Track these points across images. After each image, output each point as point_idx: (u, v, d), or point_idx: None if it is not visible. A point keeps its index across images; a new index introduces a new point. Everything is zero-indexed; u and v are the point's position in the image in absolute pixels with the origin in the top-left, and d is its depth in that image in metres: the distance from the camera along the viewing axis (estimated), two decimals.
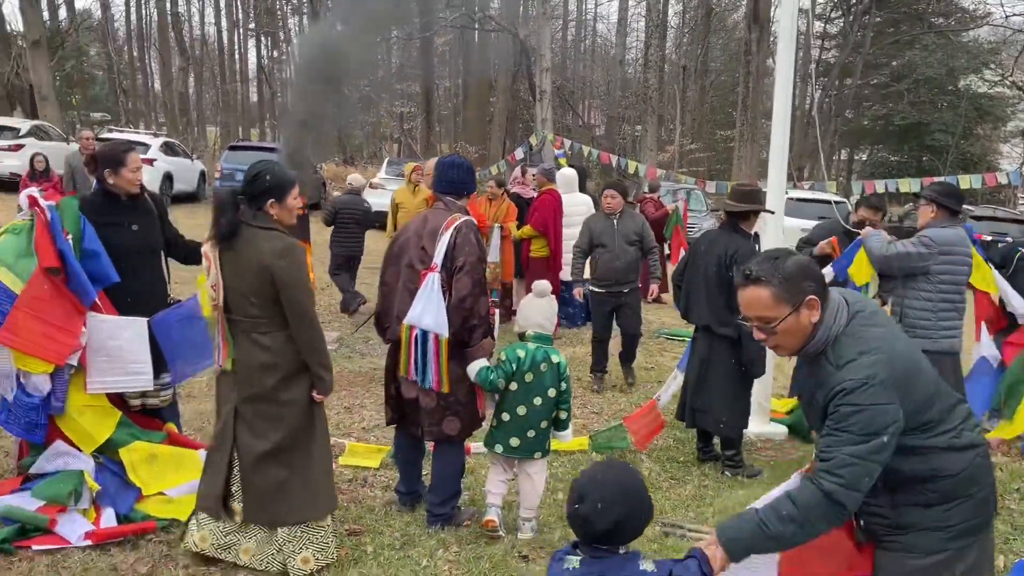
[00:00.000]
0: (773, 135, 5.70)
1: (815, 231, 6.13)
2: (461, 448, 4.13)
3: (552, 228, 8.41)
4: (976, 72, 30.77)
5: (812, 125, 33.23)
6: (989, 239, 8.74)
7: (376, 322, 4.19)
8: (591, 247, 6.86)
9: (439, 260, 3.82)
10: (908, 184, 13.38)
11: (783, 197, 5.82)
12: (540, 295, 4.16)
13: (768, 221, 5.75)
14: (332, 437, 5.13)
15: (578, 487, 2.15)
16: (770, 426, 5.98)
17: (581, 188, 9.30)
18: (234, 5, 38.11)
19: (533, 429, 4.01)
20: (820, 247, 5.71)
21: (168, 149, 19.78)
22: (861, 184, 14.02)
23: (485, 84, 30.65)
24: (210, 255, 3.44)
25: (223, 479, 3.53)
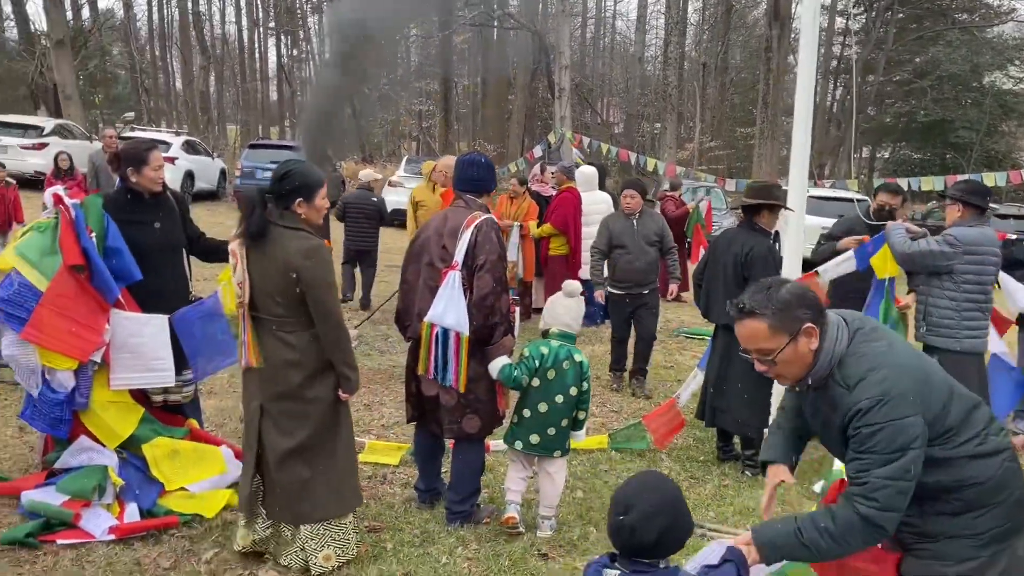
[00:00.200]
0: (795, 132, 5.65)
1: (835, 226, 6.08)
2: (481, 446, 4.13)
3: (572, 226, 8.39)
4: (1001, 68, 30.42)
5: (833, 122, 32.98)
6: (1014, 237, 8.62)
7: (397, 320, 4.20)
8: (610, 248, 6.82)
9: (460, 258, 3.82)
10: (931, 182, 13.23)
11: (804, 195, 5.76)
12: (570, 295, 4.17)
13: (789, 219, 5.70)
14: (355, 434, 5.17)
15: (622, 497, 2.11)
16: None
17: (600, 186, 9.27)
18: (254, 4, 38.33)
19: (553, 427, 4.02)
20: (844, 242, 5.66)
21: (189, 147, 19.94)
22: (883, 181, 13.87)
23: (504, 82, 30.63)
24: (237, 253, 3.46)
25: (250, 477, 3.56)
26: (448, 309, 3.78)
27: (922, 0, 31.10)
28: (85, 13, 31.50)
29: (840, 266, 5.24)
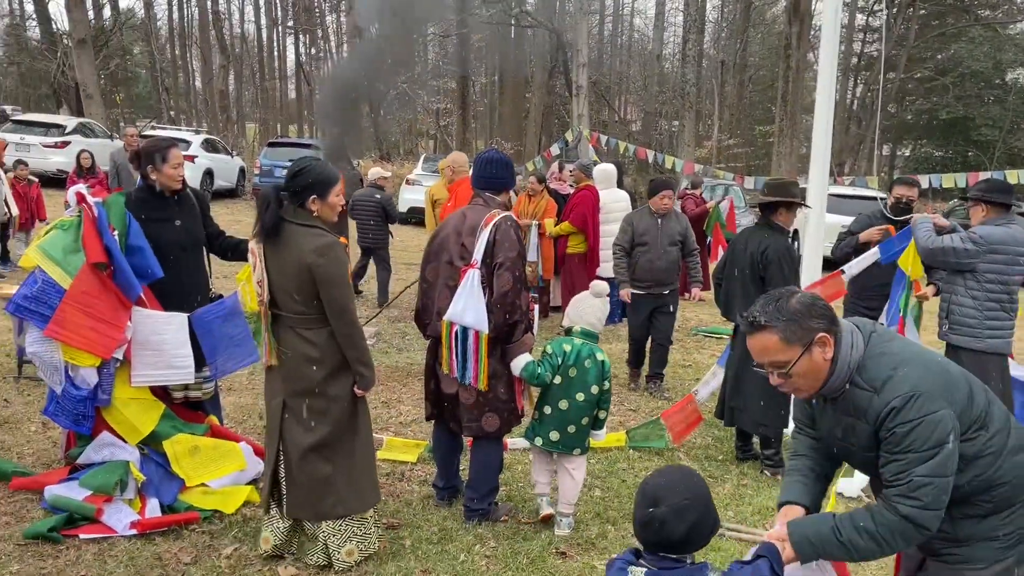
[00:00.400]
0: (815, 130, 5.60)
1: (855, 223, 6.02)
2: (499, 444, 4.14)
3: (590, 224, 8.36)
4: None
5: (853, 120, 32.71)
6: None
7: (416, 318, 4.21)
8: (632, 245, 6.75)
9: (479, 257, 3.82)
10: (952, 179, 13.08)
11: (825, 193, 5.72)
12: (598, 295, 4.18)
13: (809, 218, 5.66)
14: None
15: (651, 490, 2.07)
16: None
17: (618, 184, 9.23)
18: (273, 3, 38.55)
19: (573, 424, 4.02)
20: (867, 233, 5.61)
21: (209, 146, 20.09)
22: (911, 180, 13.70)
23: (521, 80, 30.61)
24: (256, 251, 3.48)
25: (271, 472, 3.58)
26: (467, 308, 3.78)
27: None
28: (106, 13, 31.79)
29: (862, 263, 5.20)
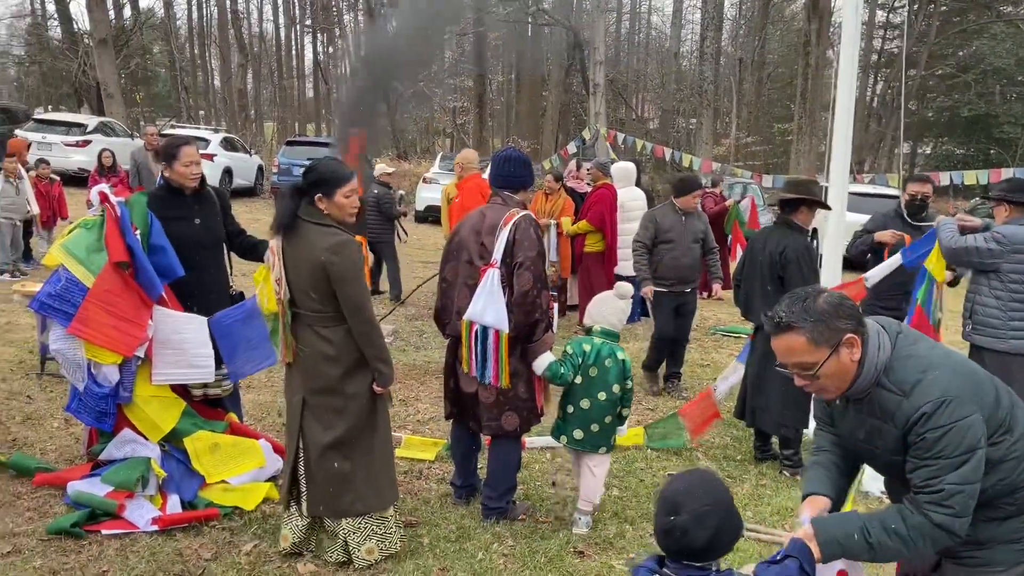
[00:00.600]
0: (836, 128, 5.55)
1: (870, 221, 5.95)
2: (518, 443, 4.14)
3: (608, 223, 8.34)
4: None
5: (873, 117, 32.44)
6: None
7: (436, 317, 4.22)
8: (654, 243, 6.65)
9: (498, 256, 3.82)
10: (974, 176, 12.93)
11: (845, 191, 5.67)
12: (622, 297, 4.20)
13: (829, 217, 5.62)
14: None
15: (671, 497, 2.01)
16: None
17: (636, 182, 9.20)
18: (291, 2, 38.72)
19: (597, 423, 4.05)
20: (881, 235, 5.55)
21: (228, 144, 20.23)
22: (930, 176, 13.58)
23: (538, 78, 30.56)
24: (275, 248, 3.50)
25: (291, 469, 3.61)
26: (487, 307, 3.78)
27: None
28: (127, 12, 32.05)
29: (885, 269, 5.11)
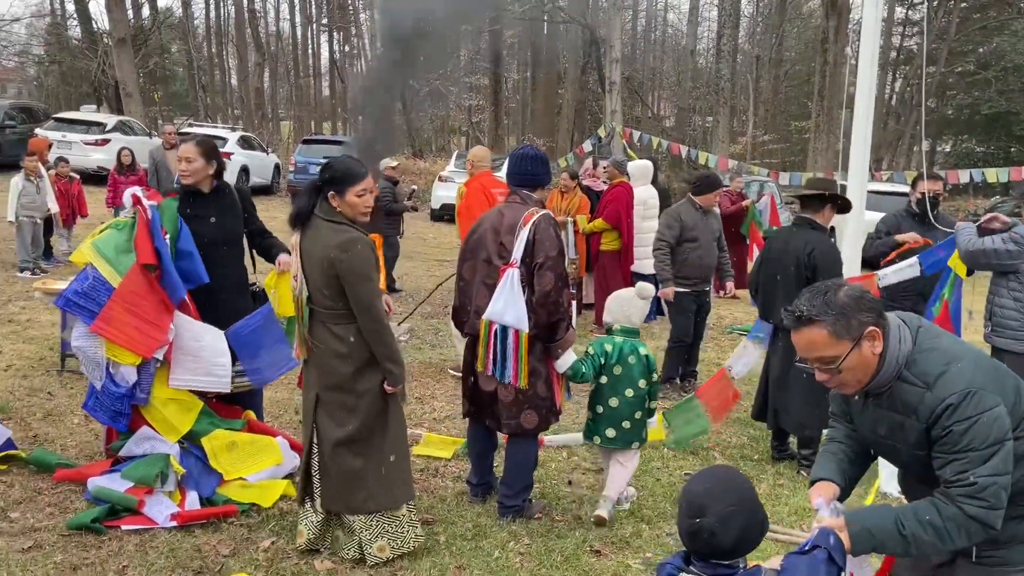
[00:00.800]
0: (855, 126, 5.50)
1: (882, 221, 5.89)
2: (535, 441, 4.14)
3: (624, 221, 8.31)
4: None
5: (892, 115, 32.16)
6: None
7: (454, 316, 4.23)
8: (678, 242, 6.53)
9: (518, 255, 3.81)
10: (995, 174, 12.80)
11: (864, 190, 5.63)
12: (643, 298, 4.24)
13: (848, 215, 5.57)
14: (407, 427, 5.21)
15: (694, 497, 1.98)
16: None
17: (653, 180, 9.17)
18: (308, 1, 38.83)
19: (628, 420, 4.11)
20: (904, 236, 5.50)
21: (245, 143, 20.34)
22: (944, 174, 13.47)
23: (554, 76, 30.52)
24: (294, 245, 3.53)
25: (306, 465, 3.62)
26: (507, 307, 3.78)
27: None
28: (145, 12, 32.29)
29: (901, 272, 5.05)
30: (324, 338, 3.52)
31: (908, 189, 5.87)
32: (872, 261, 5.82)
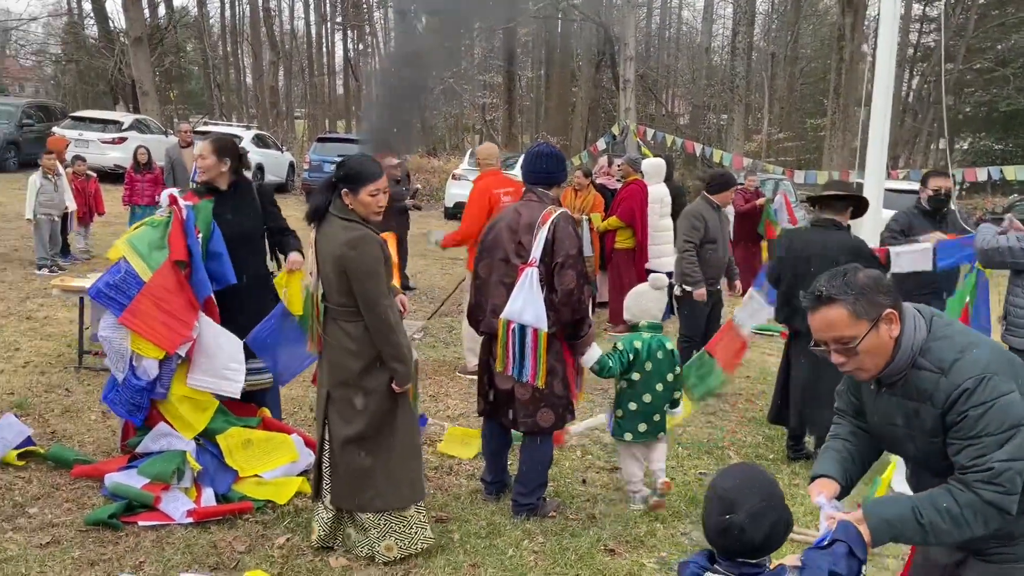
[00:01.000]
0: (872, 123, 5.48)
1: (893, 221, 5.81)
2: (550, 440, 4.13)
3: (638, 219, 8.28)
4: None
5: (908, 112, 31.91)
6: None
7: (469, 315, 4.23)
8: (702, 242, 6.36)
9: (537, 254, 3.81)
10: (1014, 171, 12.67)
11: (881, 188, 5.59)
12: (658, 288, 4.31)
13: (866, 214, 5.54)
14: (431, 421, 5.21)
15: (723, 495, 1.97)
16: None
17: (667, 178, 9.12)
18: (322, 0, 38.93)
19: (658, 412, 4.24)
20: (934, 236, 5.44)
21: (259, 141, 20.42)
22: (961, 172, 13.36)
23: (568, 74, 30.47)
24: (310, 241, 3.56)
25: (318, 462, 3.63)
26: (526, 306, 3.78)
27: None
28: (161, 11, 32.48)
29: (915, 255, 5.00)
30: (336, 335, 3.53)
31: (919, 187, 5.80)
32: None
